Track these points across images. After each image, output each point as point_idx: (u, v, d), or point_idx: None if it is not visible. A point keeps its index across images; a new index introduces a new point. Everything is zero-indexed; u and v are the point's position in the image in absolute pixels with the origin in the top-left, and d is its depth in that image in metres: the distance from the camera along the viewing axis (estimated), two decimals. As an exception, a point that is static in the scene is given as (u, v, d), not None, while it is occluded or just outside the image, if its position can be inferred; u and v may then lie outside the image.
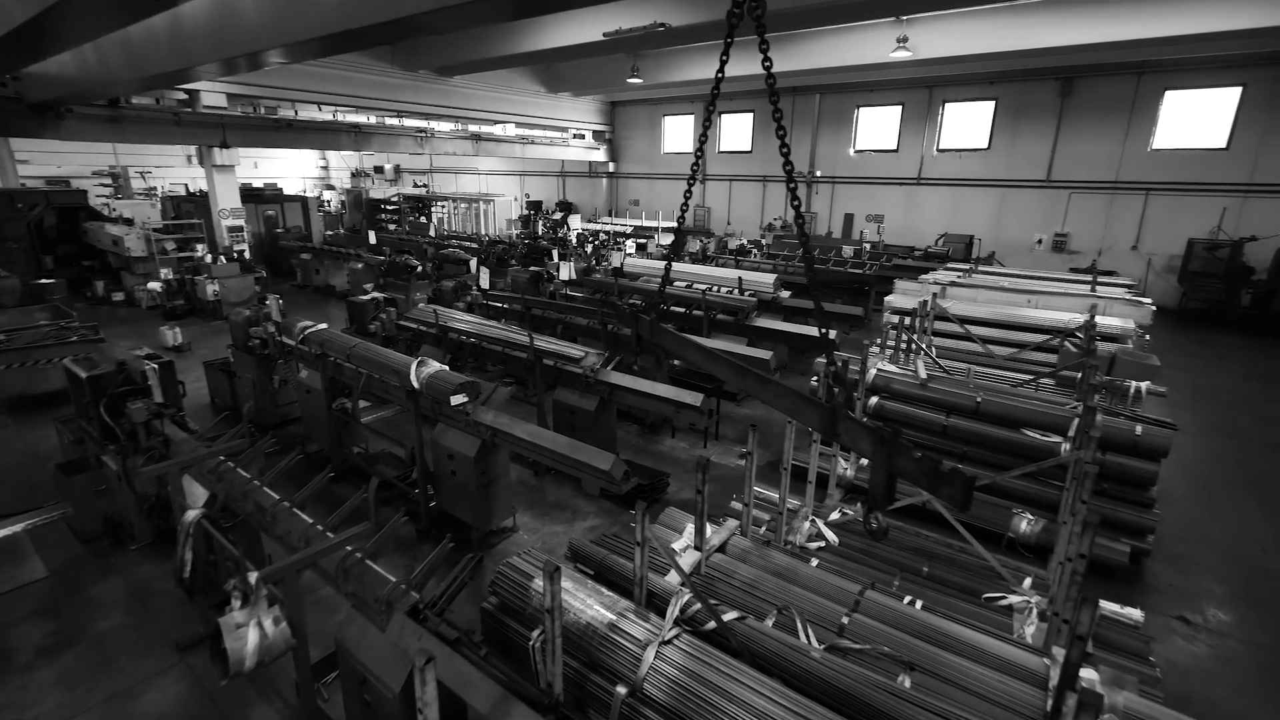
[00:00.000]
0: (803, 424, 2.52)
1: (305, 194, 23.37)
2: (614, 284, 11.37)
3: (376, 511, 5.45)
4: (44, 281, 12.40)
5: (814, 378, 7.04)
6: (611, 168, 26.96)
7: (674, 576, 3.34)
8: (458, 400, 5.05)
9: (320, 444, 6.88)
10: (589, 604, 2.98)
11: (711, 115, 2.90)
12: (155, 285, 14.41)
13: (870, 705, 2.52)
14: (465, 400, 5.10)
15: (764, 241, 18.56)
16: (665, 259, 3.35)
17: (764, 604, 3.30)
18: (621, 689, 2.67)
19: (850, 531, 4.72)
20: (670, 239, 18.71)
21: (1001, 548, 5.24)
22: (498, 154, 23.22)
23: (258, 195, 20.04)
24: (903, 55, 13.35)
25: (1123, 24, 11.65)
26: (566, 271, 11.77)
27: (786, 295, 10.89)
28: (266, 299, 7.48)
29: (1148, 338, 8.29)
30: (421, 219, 25.00)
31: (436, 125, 20.41)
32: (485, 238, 20.03)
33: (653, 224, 22.39)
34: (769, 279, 10.89)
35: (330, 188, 31.50)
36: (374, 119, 19.09)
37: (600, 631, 2.84)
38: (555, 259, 13.14)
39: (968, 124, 18.83)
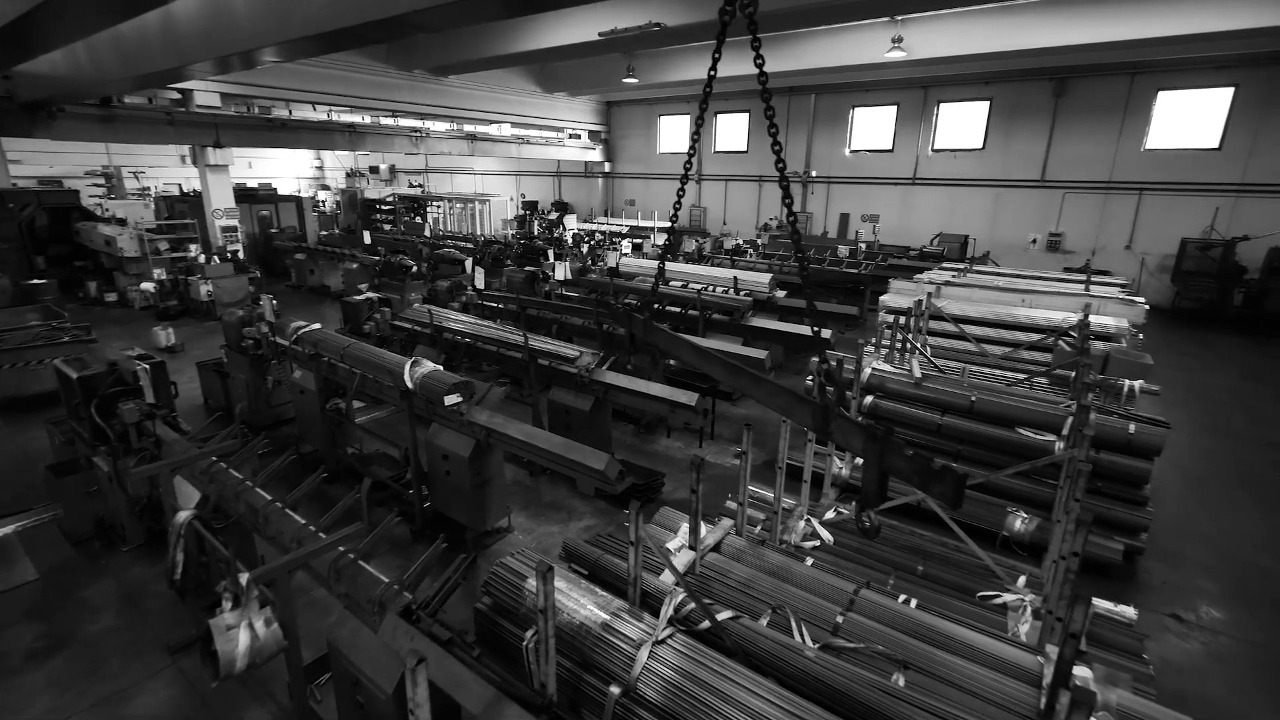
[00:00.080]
0: (796, 422, 2.51)
1: (300, 194, 23.28)
2: (609, 284, 11.36)
3: (369, 512, 5.42)
4: (35, 282, 12.34)
5: (809, 377, 7.04)
6: (607, 168, 26.95)
7: (668, 576, 3.33)
8: (452, 400, 5.03)
9: (314, 445, 6.85)
10: (583, 604, 2.96)
11: (704, 115, 2.89)
12: (148, 286, 14.33)
13: (864, 704, 2.52)
14: (459, 400, 5.08)
15: (760, 241, 18.57)
16: (659, 258, 3.34)
17: (759, 603, 3.30)
18: (615, 689, 2.66)
19: (845, 531, 4.72)
20: (665, 239, 18.69)
21: (996, 546, 5.25)
22: (493, 154, 23.18)
23: (252, 195, 19.95)
24: (898, 55, 13.38)
25: (1116, 24, 11.71)
26: (562, 271, 11.75)
27: (782, 295, 10.89)
28: (260, 299, 7.45)
29: (1141, 337, 8.32)
30: (417, 219, 24.95)
31: (432, 125, 20.36)
32: (481, 238, 20.00)
33: (648, 224, 22.40)
34: (764, 279, 10.90)
35: (325, 188, 31.39)
36: (369, 119, 19.03)
37: (594, 631, 2.83)
38: (551, 259, 13.11)
39: (963, 124, 18.88)
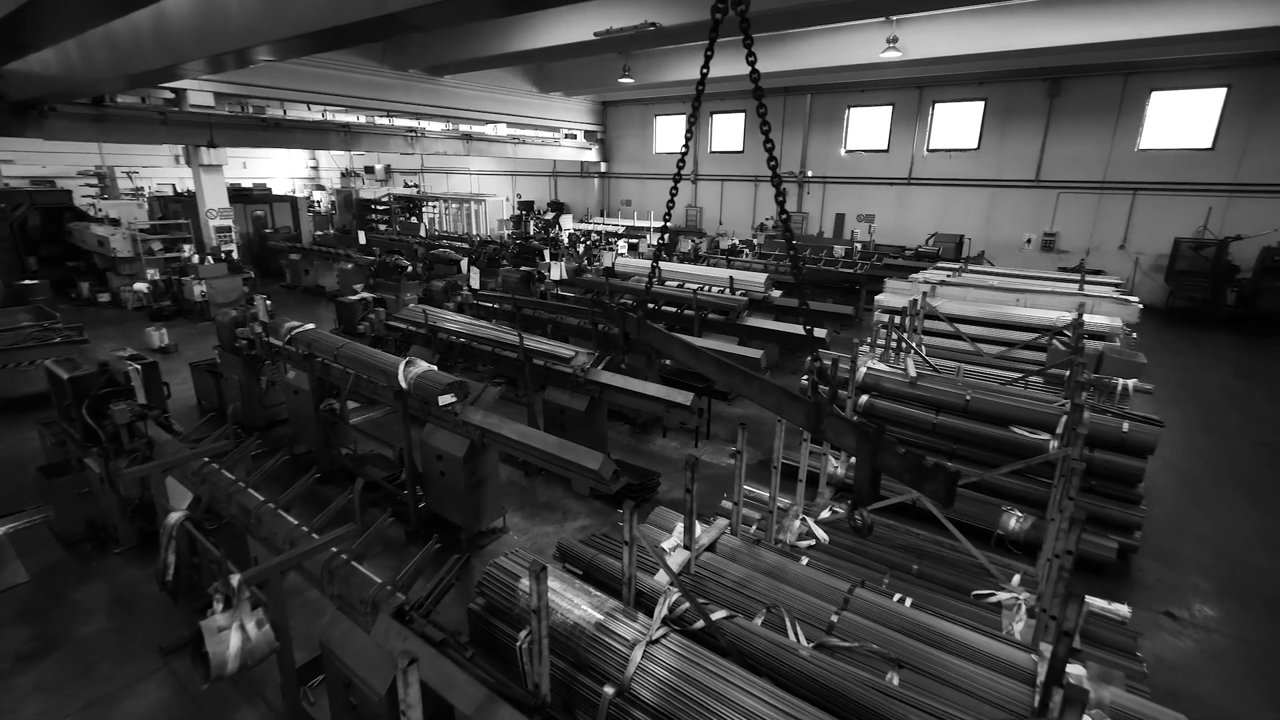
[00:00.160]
0: (788, 420, 2.51)
1: (295, 194, 23.20)
2: (605, 284, 11.35)
3: (363, 513, 5.40)
4: (27, 283, 12.25)
5: (804, 376, 7.04)
6: (603, 168, 26.93)
7: (663, 576, 3.32)
8: (446, 400, 5.02)
9: (308, 445, 6.82)
10: (577, 604, 2.95)
11: (697, 115, 2.88)
12: (141, 286, 14.26)
13: (858, 703, 2.52)
14: (454, 400, 5.06)
15: (756, 241, 18.60)
16: (652, 257, 3.34)
17: (753, 603, 3.29)
18: (609, 689, 2.65)
19: (841, 530, 4.72)
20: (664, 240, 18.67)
21: (991, 545, 5.26)
22: (489, 154, 23.14)
23: (246, 195, 19.87)
24: (893, 55, 13.41)
25: (1110, 25, 11.75)
26: (557, 271, 11.74)
27: (778, 294, 10.91)
28: (254, 299, 7.41)
29: (1135, 336, 8.35)
30: (412, 219, 24.89)
31: (427, 125, 20.30)
32: (476, 238, 19.97)
33: (645, 224, 22.39)
34: (760, 278, 10.91)
35: (320, 188, 31.28)
36: (364, 119, 18.95)
37: (588, 631, 2.82)
38: (546, 259, 13.09)
39: (957, 124, 18.93)
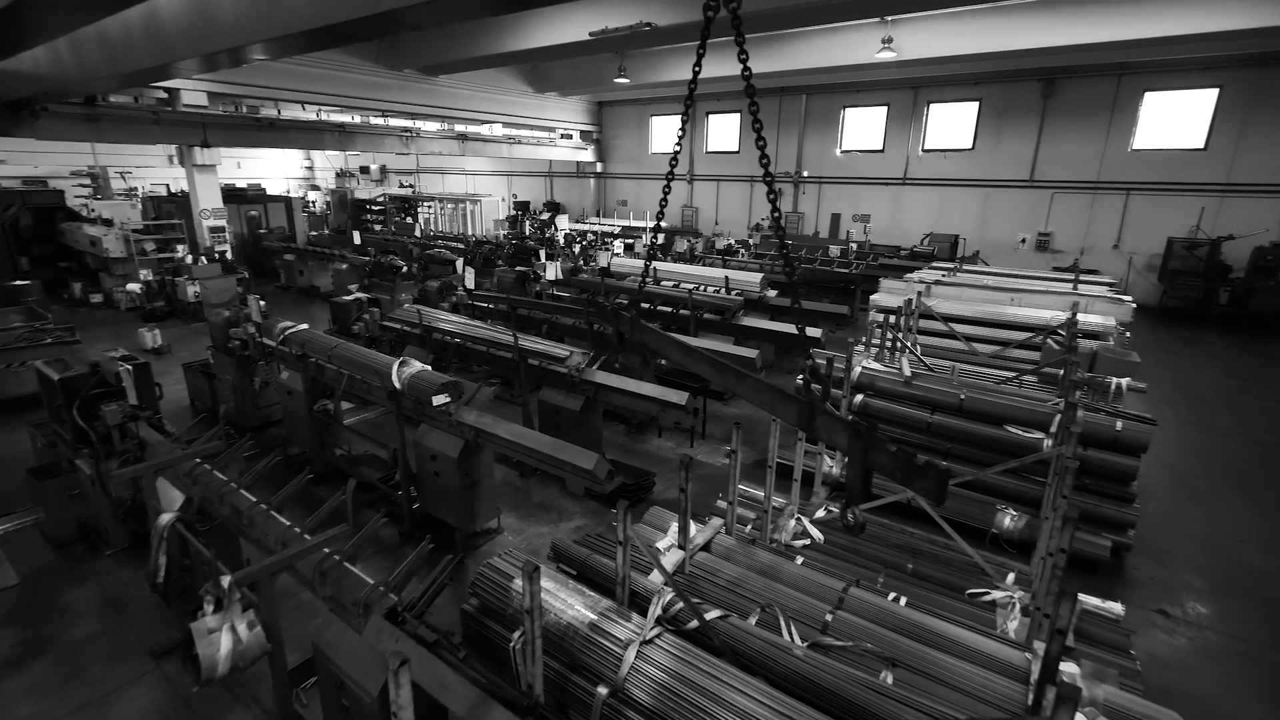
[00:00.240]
0: (780, 418, 2.50)
1: (289, 194, 23.12)
2: (600, 283, 11.34)
3: (356, 514, 5.37)
4: (19, 283, 12.16)
5: (800, 375, 7.04)
6: (599, 168, 26.91)
7: (657, 576, 3.31)
8: (440, 400, 5.00)
9: (302, 446, 6.79)
10: (570, 604, 2.94)
11: (690, 114, 2.87)
12: (134, 287, 14.18)
13: (852, 702, 2.51)
14: (448, 400, 5.04)
15: (751, 241, 18.60)
16: (646, 257, 3.33)
17: (748, 602, 3.29)
18: (602, 689, 2.64)
19: (836, 529, 4.72)
20: (658, 239, 18.68)
21: (986, 544, 5.26)
22: (484, 154, 23.10)
23: (240, 195, 19.80)
24: (888, 56, 13.43)
25: (1104, 26, 11.80)
26: (553, 271, 11.72)
27: (773, 294, 10.91)
28: (247, 299, 7.37)
29: (1128, 335, 8.38)
30: (407, 219, 24.82)
31: (422, 125, 20.26)
32: (472, 238, 19.92)
33: (641, 224, 22.38)
34: (755, 278, 10.91)
35: (315, 188, 31.18)
36: (359, 118, 18.91)
37: (581, 632, 2.81)
38: (542, 259, 13.07)
39: (952, 125, 18.98)
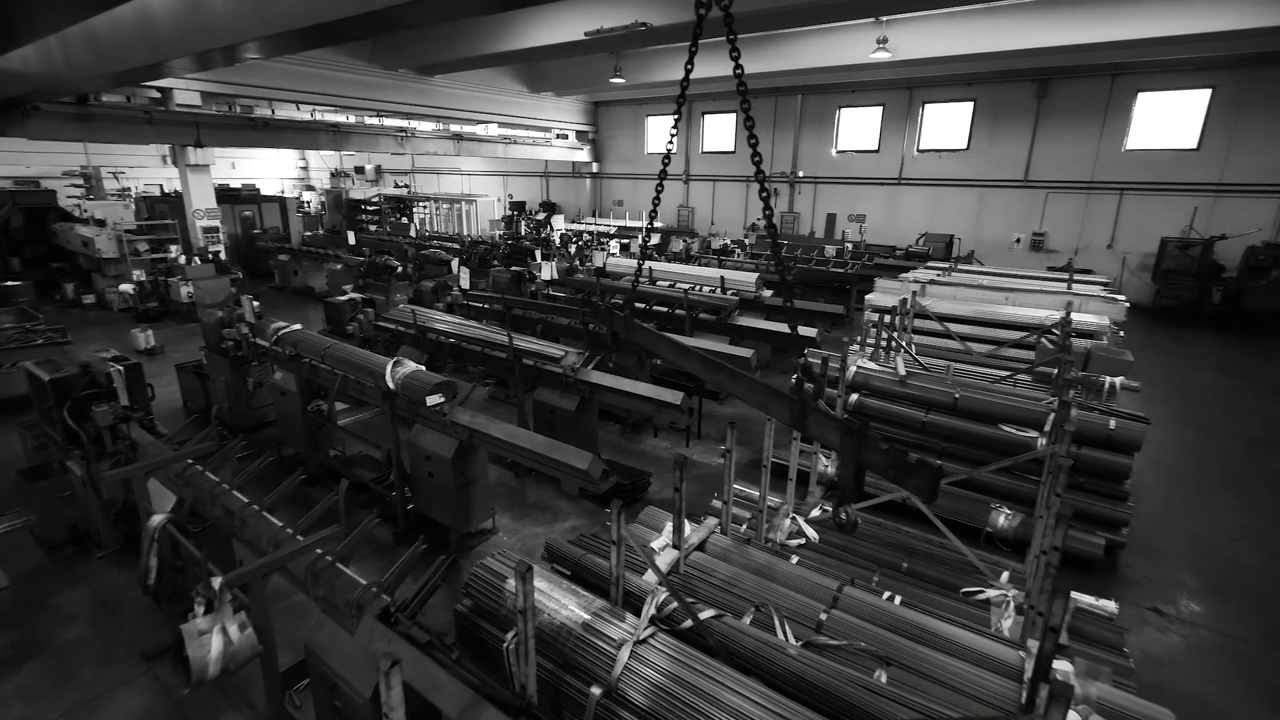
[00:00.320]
0: (773, 417, 2.50)
1: (284, 194, 23.02)
2: (596, 284, 11.32)
3: (349, 515, 5.34)
4: (10, 284, 12.08)
5: (794, 375, 7.05)
6: (595, 168, 26.91)
7: (651, 575, 3.31)
8: (434, 400, 4.98)
9: (296, 447, 6.76)
10: (564, 604, 2.93)
11: (681, 112, 2.86)
12: (127, 287, 14.10)
13: (846, 701, 2.51)
14: (442, 400, 5.02)
15: (747, 241, 18.61)
16: (639, 256, 3.33)
17: (742, 602, 3.28)
18: (596, 690, 2.63)
19: (831, 528, 4.72)
20: (653, 239, 18.68)
21: (980, 542, 5.28)
22: (480, 154, 23.06)
23: (234, 196, 19.70)
24: (883, 56, 13.46)
25: (1097, 26, 11.86)
26: (548, 271, 11.69)
27: (769, 294, 10.92)
28: (240, 299, 7.33)
29: (1122, 334, 8.41)
30: (403, 220, 24.75)
31: (418, 125, 20.20)
32: (467, 238, 19.88)
33: (637, 224, 22.39)
34: (751, 278, 10.92)
35: (310, 188, 31.07)
36: (353, 118, 18.84)
37: (575, 632, 2.80)
38: (538, 259, 13.05)
39: (947, 125, 19.04)
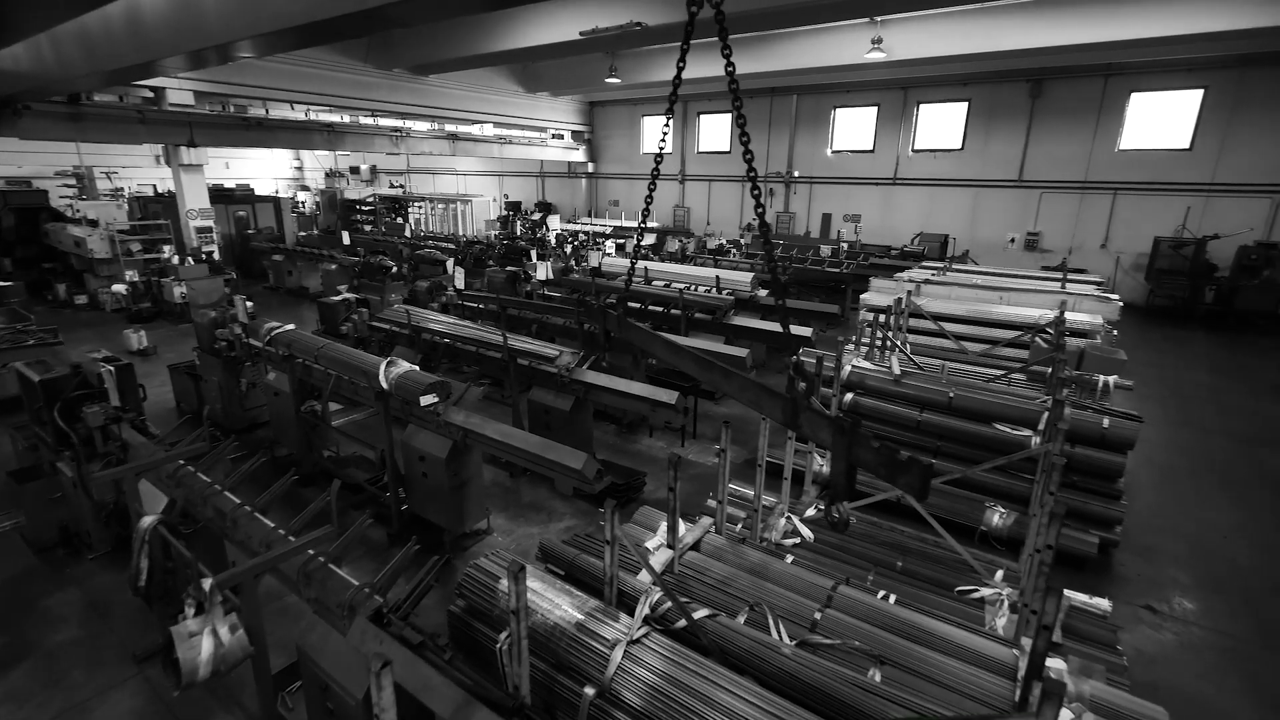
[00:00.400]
0: (766, 415, 2.50)
1: (278, 194, 22.94)
2: (592, 283, 11.31)
3: (343, 516, 5.32)
4: (1, 285, 11.99)
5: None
6: (591, 168, 26.88)
7: (645, 575, 3.30)
8: (428, 400, 4.96)
9: (289, 448, 6.73)
10: (558, 604, 2.92)
11: (672, 111, 2.86)
12: (120, 288, 14.01)
13: (840, 700, 2.50)
14: (435, 400, 5.01)
15: (743, 241, 18.64)
16: (631, 256, 3.33)
17: (737, 601, 3.28)
18: (589, 690, 2.62)
19: (825, 527, 4.72)
20: (649, 239, 18.70)
21: (975, 541, 5.28)
22: (475, 154, 23.01)
23: (228, 196, 19.62)
24: (878, 56, 13.48)
25: (1090, 27, 11.90)
26: (544, 271, 11.68)
27: (764, 294, 10.92)
28: (233, 300, 7.30)
29: (1116, 333, 8.45)
30: (398, 220, 24.70)
31: (412, 125, 20.15)
32: (463, 238, 19.85)
33: (632, 224, 22.39)
34: (746, 278, 10.93)
35: (305, 188, 30.97)
36: (348, 118, 18.77)
37: (568, 632, 2.79)
38: (533, 259, 13.03)
39: (942, 125, 19.09)
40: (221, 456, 4.46)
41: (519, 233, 21.33)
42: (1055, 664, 2.91)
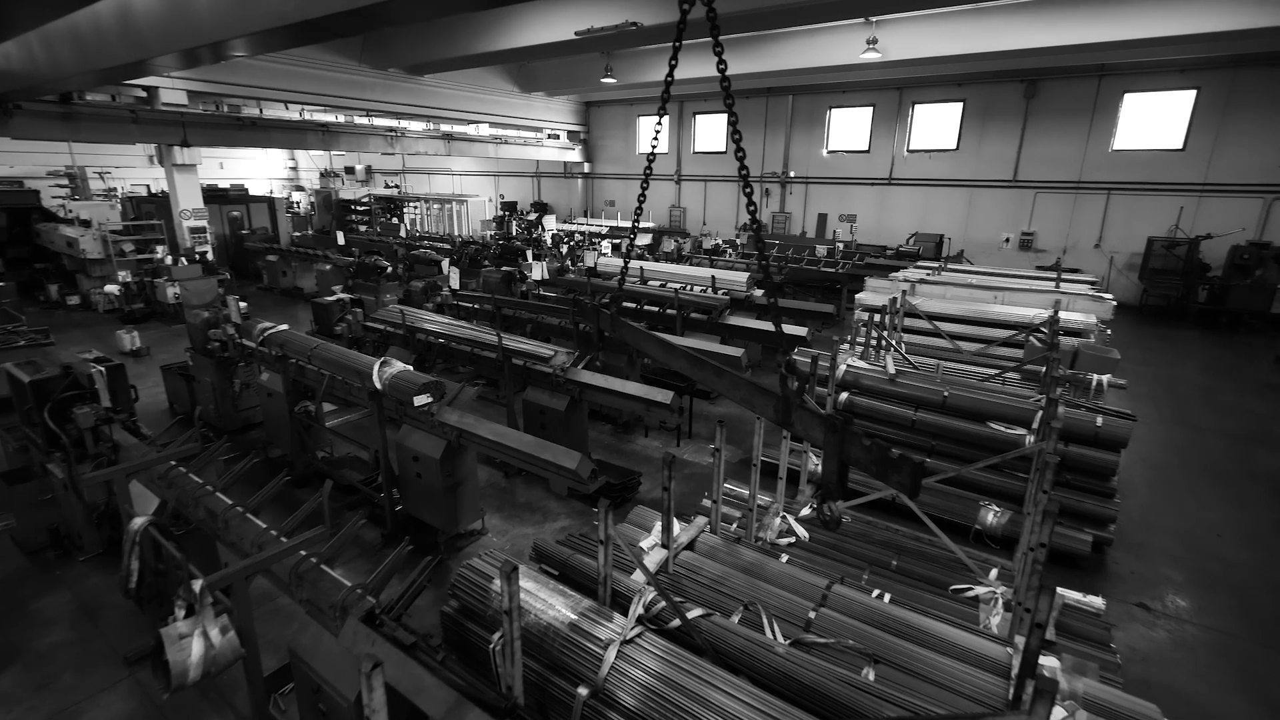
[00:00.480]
0: (758, 413, 2.49)
1: (273, 195, 22.86)
2: (587, 283, 11.29)
3: (337, 516, 5.30)
4: (-8, 285, 11.92)
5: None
6: (586, 168, 26.86)
7: (639, 575, 3.29)
8: (421, 401, 4.94)
9: (283, 449, 6.69)
10: (551, 604, 2.91)
11: (664, 110, 2.85)
12: (112, 288, 13.93)
13: (834, 699, 2.50)
14: (429, 400, 4.99)
15: (739, 241, 18.64)
16: (624, 255, 3.32)
17: (731, 600, 3.27)
18: (583, 690, 2.61)
19: (819, 526, 4.71)
20: (645, 239, 18.70)
21: (969, 540, 5.30)
22: (471, 154, 22.96)
23: (222, 196, 19.54)
24: (873, 56, 13.51)
25: (1084, 27, 11.96)
26: (539, 271, 11.66)
27: (759, 294, 10.92)
28: (227, 300, 7.26)
29: (1109, 332, 8.48)
30: (393, 220, 24.62)
31: (408, 125, 20.09)
32: (458, 238, 19.80)
33: (628, 224, 22.36)
34: (742, 278, 10.93)
35: (299, 188, 30.86)
36: (343, 118, 18.71)
37: (562, 632, 2.78)
38: (529, 259, 13.00)
39: (937, 125, 19.14)
40: (214, 457, 4.44)
41: (514, 233, 21.29)
42: (1049, 662, 2.91)
